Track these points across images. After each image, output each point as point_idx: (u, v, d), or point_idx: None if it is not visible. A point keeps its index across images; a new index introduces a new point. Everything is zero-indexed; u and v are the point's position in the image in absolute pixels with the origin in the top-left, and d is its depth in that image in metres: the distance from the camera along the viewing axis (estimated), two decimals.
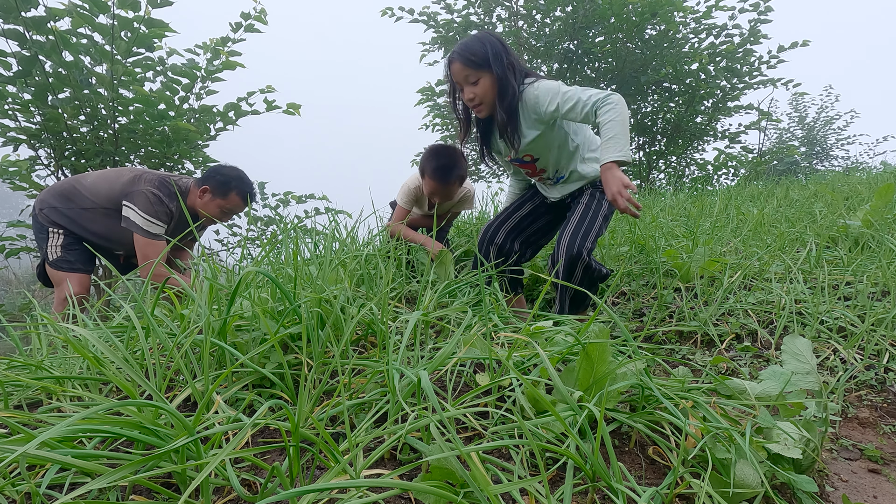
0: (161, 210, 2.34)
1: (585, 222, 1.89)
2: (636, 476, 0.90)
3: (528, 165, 2.02)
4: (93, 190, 2.37)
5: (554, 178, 2.04)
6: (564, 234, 1.89)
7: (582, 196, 1.99)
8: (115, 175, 2.40)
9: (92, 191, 2.37)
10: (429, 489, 0.64)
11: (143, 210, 2.31)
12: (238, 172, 2.49)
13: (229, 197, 2.45)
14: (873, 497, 1.07)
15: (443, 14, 6.50)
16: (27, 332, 1.48)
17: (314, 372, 1.02)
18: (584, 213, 1.92)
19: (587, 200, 1.96)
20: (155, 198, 2.33)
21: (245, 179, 2.49)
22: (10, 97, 3.14)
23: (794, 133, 10.65)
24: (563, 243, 1.86)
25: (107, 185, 2.37)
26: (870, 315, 1.65)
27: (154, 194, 2.33)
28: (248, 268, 1.26)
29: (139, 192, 2.32)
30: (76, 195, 2.38)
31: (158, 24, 3.23)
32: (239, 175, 2.48)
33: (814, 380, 1.13)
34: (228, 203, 2.46)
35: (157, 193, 2.34)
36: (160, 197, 2.34)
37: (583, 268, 1.85)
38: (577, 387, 0.99)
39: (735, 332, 1.80)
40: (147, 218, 2.32)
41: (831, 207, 3.38)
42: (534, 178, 2.10)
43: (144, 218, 2.31)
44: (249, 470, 0.80)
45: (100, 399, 0.87)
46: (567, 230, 1.89)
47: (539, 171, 2.03)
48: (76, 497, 0.64)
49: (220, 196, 2.44)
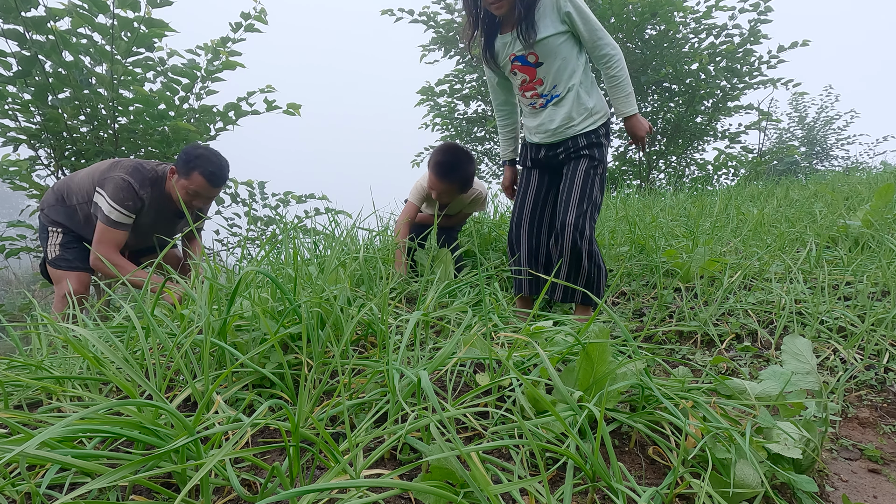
0: (128, 197, 2.23)
1: (586, 196, 1.88)
2: (636, 476, 0.90)
3: (527, 69, 1.93)
4: (81, 185, 2.35)
5: (548, 94, 1.94)
6: (569, 205, 1.88)
7: (579, 162, 1.94)
8: (97, 166, 2.35)
9: (80, 186, 2.35)
10: (429, 489, 0.64)
11: (111, 196, 2.21)
12: (203, 150, 2.29)
13: (192, 177, 2.27)
14: (873, 497, 1.07)
15: (443, 14, 6.51)
16: (27, 332, 1.48)
17: (314, 372, 1.02)
18: (584, 184, 1.89)
19: (585, 167, 1.92)
20: (125, 184, 2.22)
21: (210, 158, 2.29)
22: (10, 97, 3.14)
23: (794, 133, 10.65)
24: (569, 216, 1.86)
25: (89, 178, 2.33)
26: (870, 315, 1.65)
27: (125, 180, 2.23)
28: (247, 268, 1.26)
29: (111, 177, 2.24)
30: (69, 192, 2.37)
31: (158, 24, 3.22)
32: (202, 153, 2.28)
33: (814, 380, 1.13)
34: (192, 184, 2.27)
35: (128, 180, 2.23)
36: (130, 184, 2.23)
37: (588, 246, 1.85)
38: (577, 387, 0.99)
39: (735, 332, 1.80)
40: (112, 205, 2.21)
41: (831, 207, 3.38)
42: (526, 93, 1.99)
43: (110, 204, 2.21)
44: (249, 470, 0.80)
45: (100, 399, 0.87)
46: (571, 201, 1.89)
47: (534, 83, 1.94)
48: (76, 497, 0.64)
49: (184, 176, 2.28)
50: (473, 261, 2.44)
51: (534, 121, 2.03)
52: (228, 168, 2.37)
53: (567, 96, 1.92)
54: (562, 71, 1.90)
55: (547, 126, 1.97)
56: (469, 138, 7.26)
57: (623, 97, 1.87)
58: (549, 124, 1.97)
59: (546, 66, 1.90)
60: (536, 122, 2.01)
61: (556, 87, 1.92)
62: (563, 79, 1.91)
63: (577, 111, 1.91)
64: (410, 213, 2.38)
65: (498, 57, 1.99)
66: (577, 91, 1.90)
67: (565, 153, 1.98)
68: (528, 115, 2.05)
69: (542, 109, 1.98)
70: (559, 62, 1.89)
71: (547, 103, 1.96)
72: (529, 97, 1.99)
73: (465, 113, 7.17)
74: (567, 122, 1.93)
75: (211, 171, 2.28)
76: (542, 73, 1.91)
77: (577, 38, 1.89)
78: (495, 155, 7.45)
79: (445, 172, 2.20)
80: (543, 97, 1.95)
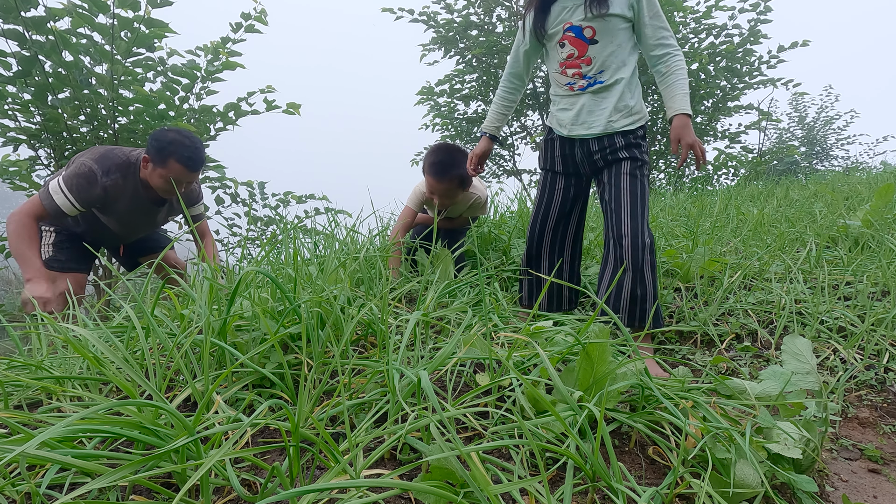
0: (83, 186, 2.10)
1: (639, 200, 1.71)
2: (636, 476, 0.90)
3: (579, 43, 1.74)
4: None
5: (592, 78, 1.76)
6: (622, 212, 1.71)
7: (621, 165, 1.76)
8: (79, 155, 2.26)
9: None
10: (429, 489, 0.64)
11: (65, 178, 2.09)
12: (177, 136, 2.16)
13: (168, 164, 2.14)
14: (873, 497, 1.07)
15: (443, 14, 6.51)
16: (27, 332, 1.48)
17: (314, 372, 1.02)
18: (633, 189, 1.72)
19: (629, 169, 1.75)
20: (86, 170, 2.09)
21: (185, 143, 2.15)
22: (10, 97, 3.14)
23: (794, 133, 10.65)
24: (625, 224, 1.68)
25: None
26: (870, 315, 1.65)
27: (87, 167, 2.10)
28: (247, 268, 1.26)
29: (77, 161, 2.13)
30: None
31: (158, 24, 3.22)
32: (177, 139, 2.15)
33: (814, 380, 1.13)
34: (169, 171, 2.15)
35: (90, 166, 2.10)
36: (93, 170, 2.10)
37: (650, 256, 1.68)
38: (577, 387, 0.99)
39: (735, 332, 1.80)
40: (62, 187, 2.08)
41: (831, 207, 3.38)
42: (568, 70, 1.79)
43: (60, 185, 2.08)
44: (249, 470, 0.80)
45: (100, 399, 0.87)
46: (624, 207, 1.71)
47: (581, 60, 1.75)
48: (76, 497, 0.64)
49: (160, 164, 2.15)
50: (473, 261, 2.44)
51: (569, 111, 1.83)
52: (203, 148, 2.26)
53: (612, 88, 1.76)
54: (614, 58, 1.74)
55: (585, 117, 1.80)
56: (469, 138, 7.25)
57: (682, 94, 1.70)
58: (587, 115, 1.79)
59: (600, 46, 1.73)
60: (573, 111, 1.82)
61: (603, 73, 1.75)
62: (612, 67, 1.75)
63: (618, 108, 1.76)
64: (407, 218, 2.35)
65: (549, 22, 1.80)
66: (623, 87, 1.75)
67: (603, 154, 1.79)
68: (562, 100, 1.86)
69: (579, 94, 1.80)
70: (614, 47, 1.73)
71: (587, 87, 1.78)
72: (570, 76, 1.79)
73: (465, 113, 7.17)
74: (607, 117, 1.77)
75: (188, 156, 2.16)
76: (594, 53, 1.75)
77: (633, 35, 1.76)
78: (495, 155, 7.45)
79: (442, 171, 2.15)
80: (587, 79, 1.77)
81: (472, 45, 6.48)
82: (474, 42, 6.47)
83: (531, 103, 6.86)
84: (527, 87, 1.99)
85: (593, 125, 1.78)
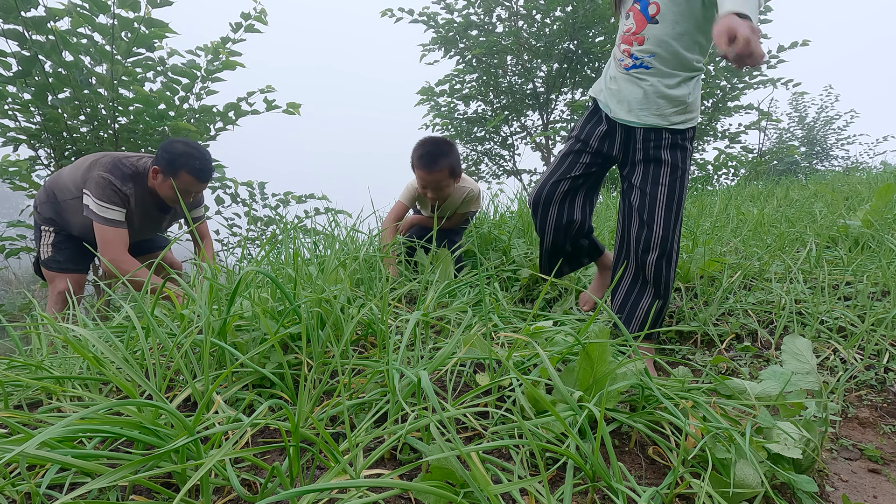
0: (113, 193, 2.23)
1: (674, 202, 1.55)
2: (636, 476, 0.90)
3: (640, 19, 1.53)
4: (67, 181, 2.34)
5: (640, 60, 1.54)
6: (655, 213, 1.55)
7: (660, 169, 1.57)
8: (82, 161, 2.34)
9: (66, 182, 2.34)
10: (429, 489, 0.64)
11: (96, 196, 2.22)
12: (186, 148, 2.28)
13: (180, 176, 2.26)
14: (873, 497, 1.07)
15: (443, 14, 6.50)
16: (27, 332, 1.48)
17: (314, 372, 1.02)
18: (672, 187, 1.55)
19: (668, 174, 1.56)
20: (105, 181, 2.22)
21: (195, 154, 2.28)
22: (10, 97, 3.14)
23: (794, 133, 10.65)
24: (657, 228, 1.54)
25: (75, 173, 2.32)
26: (870, 315, 1.65)
27: (104, 178, 2.22)
28: (247, 268, 1.26)
29: (92, 177, 2.23)
30: (57, 188, 2.36)
31: (158, 24, 3.23)
32: (187, 151, 2.27)
33: (814, 380, 1.13)
34: (180, 182, 2.27)
35: (107, 177, 2.23)
36: (110, 181, 2.23)
37: (672, 275, 1.58)
38: (577, 387, 0.99)
39: (735, 332, 1.80)
40: (101, 203, 2.22)
41: (831, 207, 3.38)
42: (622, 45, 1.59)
43: (99, 204, 2.22)
44: (249, 470, 0.80)
45: (100, 399, 0.87)
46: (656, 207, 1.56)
47: (635, 38, 1.54)
48: (76, 497, 0.64)
49: (171, 175, 2.27)
50: (473, 261, 2.44)
51: (613, 90, 1.64)
52: (211, 159, 2.36)
53: (664, 77, 1.54)
54: (674, 44, 1.50)
55: (629, 101, 1.59)
56: (469, 138, 7.25)
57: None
58: (631, 100, 1.58)
59: (661, 27, 1.50)
60: (617, 91, 1.62)
61: (654, 58, 1.53)
62: (670, 53, 1.51)
63: (671, 97, 1.54)
64: (398, 212, 2.34)
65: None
66: (681, 80, 1.53)
67: (645, 148, 1.60)
68: (612, 78, 1.65)
69: (625, 74, 1.59)
70: (678, 31, 1.49)
71: (632, 68, 1.57)
72: (621, 52, 1.59)
73: (464, 113, 7.17)
74: (652, 107, 1.56)
75: (199, 167, 2.27)
76: (650, 34, 1.52)
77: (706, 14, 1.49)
78: (495, 155, 7.46)
79: (431, 162, 2.13)
80: (633, 59, 1.56)
81: (472, 45, 6.48)
82: (474, 42, 6.48)
83: (531, 103, 6.86)
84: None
85: (637, 112, 1.58)
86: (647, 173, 1.60)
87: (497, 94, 6.89)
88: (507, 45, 6.35)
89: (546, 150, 6.90)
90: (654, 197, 1.57)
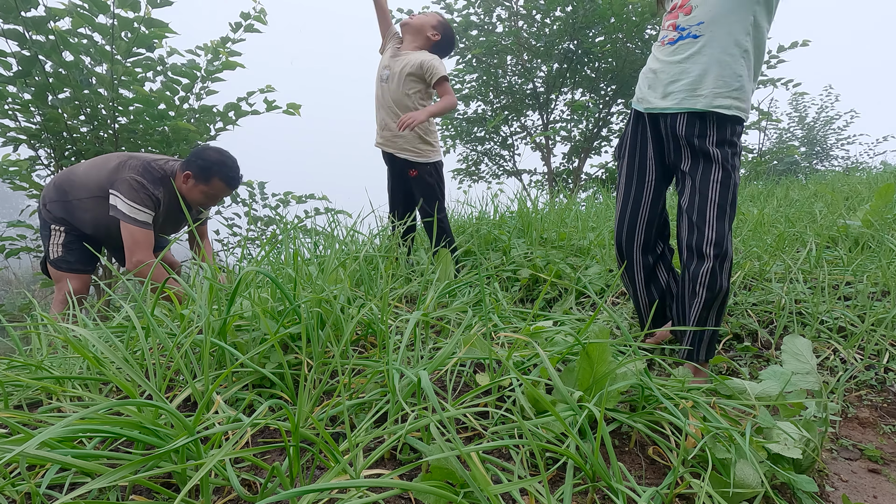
0: (146, 196, 2.30)
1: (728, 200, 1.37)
2: (636, 476, 0.90)
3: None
4: (85, 179, 2.36)
5: (686, 30, 1.37)
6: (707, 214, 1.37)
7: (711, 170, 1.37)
8: (103, 161, 2.38)
9: (84, 180, 2.35)
10: (429, 489, 0.64)
11: (128, 198, 2.27)
12: (220, 156, 2.40)
13: (212, 182, 2.38)
14: (873, 497, 1.07)
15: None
16: (27, 332, 1.48)
17: (314, 372, 1.02)
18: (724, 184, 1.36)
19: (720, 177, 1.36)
20: (138, 185, 2.28)
21: (227, 163, 2.40)
22: (10, 97, 3.14)
23: (794, 133, 10.65)
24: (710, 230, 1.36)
25: (96, 173, 2.35)
26: (870, 315, 1.65)
27: (137, 181, 2.29)
28: (247, 268, 1.26)
29: (123, 179, 2.28)
30: (71, 186, 2.36)
31: (158, 24, 3.22)
32: (221, 159, 2.39)
33: (814, 380, 1.13)
34: (212, 189, 2.39)
35: (140, 180, 2.29)
36: (143, 184, 2.30)
37: (729, 273, 1.39)
38: (577, 387, 0.99)
39: (735, 332, 1.80)
40: (132, 205, 2.28)
41: (831, 207, 3.38)
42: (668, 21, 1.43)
43: (130, 205, 2.27)
44: (249, 470, 0.80)
45: (100, 399, 0.87)
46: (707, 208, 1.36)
47: (681, 10, 1.39)
48: (76, 497, 0.64)
49: (203, 182, 2.37)
50: (473, 260, 2.44)
51: (647, 76, 1.48)
52: (239, 166, 2.49)
53: (710, 46, 1.34)
54: (727, 11, 1.32)
55: (664, 83, 1.40)
56: (469, 138, 7.25)
57: None
58: (667, 80, 1.40)
59: None
60: (651, 74, 1.46)
61: (702, 26, 1.34)
62: (720, 19, 1.32)
63: (720, 76, 1.33)
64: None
65: None
66: (732, 49, 1.33)
67: (689, 145, 1.40)
68: (655, 56, 1.48)
69: (668, 47, 1.40)
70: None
71: (678, 40, 1.38)
72: (667, 27, 1.43)
73: (464, 113, 7.18)
74: (692, 87, 1.36)
75: (231, 175, 2.41)
76: (696, 2, 1.36)
77: None
78: (495, 155, 7.46)
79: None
80: (679, 31, 1.38)
81: (472, 45, 6.48)
82: (474, 42, 6.47)
83: (531, 103, 6.86)
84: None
85: (671, 95, 1.38)
86: (695, 173, 1.40)
87: (497, 94, 6.89)
88: (507, 45, 6.35)
89: (546, 150, 6.90)
90: (706, 194, 1.37)
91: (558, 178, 7.09)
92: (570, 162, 7.16)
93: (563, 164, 7.23)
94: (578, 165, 6.93)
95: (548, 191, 6.57)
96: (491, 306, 1.51)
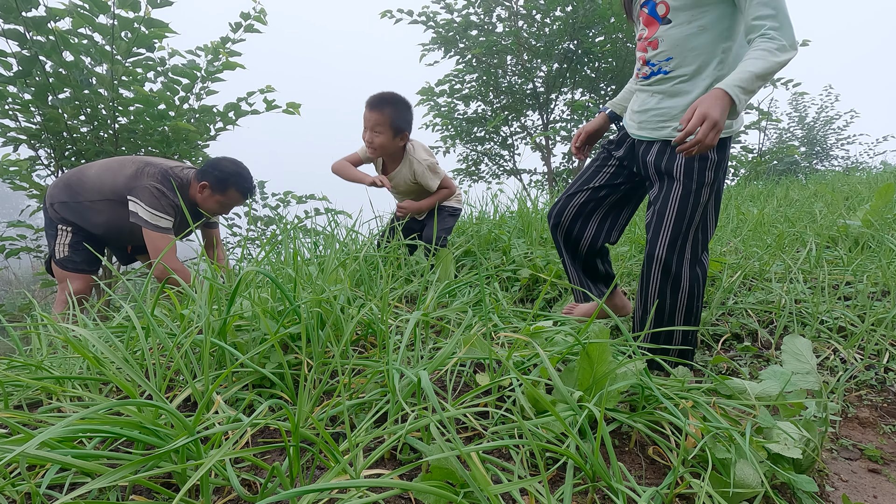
0: (166, 204, 2.36)
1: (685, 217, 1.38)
2: (636, 476, 0.90)
3: (650, 22, 1.39)
4: (97, 181, 2.37)
5: (656, 66, 1.41)
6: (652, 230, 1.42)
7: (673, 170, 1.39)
8: (118, 166, 2.40)
9: (97, 182, 2.37)
10: (429, 489, 0.64)
11: (148, 205, 2.33)
12: (237, 168, 2.49)
13: (228, 193, 2.47)
14: (873, 497, 1.07)
15: (442, 14, 6.50)
16: (27, 332, 1.48)
17: (314, 372, 1.02)
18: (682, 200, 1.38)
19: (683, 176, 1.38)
20: (159, 192, 2.34)
21: (244, 175, 2.50)
22: (10, 97, 3.14)
23: (794, 133, 10.64)
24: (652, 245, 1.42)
25: (111, 177, 2.37)
26: (870, 315, 1.65)
27: (158, 189, 2.35)
28: (247, 268, 1.26)
29: (142, 187, 2.33)
30: (82, 188, 2.37)
31: (158, 24, 3.22)
32: (237, 171, 2.48)
33: (814, 380, 1.13)
34: (227, 199, 2.49)
35: (160, 188, 2.35)
36: (164, 192, 2.36)
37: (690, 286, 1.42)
38: (577, 387, 0.99)
39: (735, 332, 1.80)
40: (153, 212, 2.34)
41: (831, 207, 3.38)
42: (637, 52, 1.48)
43: (151, 212, 2.33)
44: (249, 470, 0.80)
45: (100, 399, 0.87)
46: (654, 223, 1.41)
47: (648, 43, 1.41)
48: (76, 497, 0.64)
49: (219, 192, 2.46)
50: (473, 260, 2.44)
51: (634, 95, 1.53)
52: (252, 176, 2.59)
53: (682, 83, 1.38)
54: (689, 43, 1.34)
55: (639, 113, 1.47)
56: (469, 138, 7.25)
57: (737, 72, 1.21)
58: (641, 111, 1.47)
59: (674, 28, 1.36)
60: (631, 103, 1.54)
61: (671, 62, 1.38)
62: (686, 56, 1.35)
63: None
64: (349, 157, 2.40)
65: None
66: (706, 82, 1.35)
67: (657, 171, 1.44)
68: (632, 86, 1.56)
69: (643, 81, 1.46)
70: (692, 30, 1.33)
71: (651, 75, 1.43)
72: (639, 58, 1.47)
73: (464, 113, 7.17)
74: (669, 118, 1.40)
75: (247, 186, 2.51)
76: (662, 34, 1.37)
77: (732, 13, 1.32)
78: (495, 155, 7.45)
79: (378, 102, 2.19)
80: (650, 66, 1.43)
81: (472, 45, 6.48)
82: (474, 42, 6.47)
83: (531, 103, 6.86)
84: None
85: (645, 126, 1.45)
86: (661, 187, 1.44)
87: (497, 94, 6.89)
88: (507, 45, 6.35)
89: (546, 150, 6.90)
90: (669, 203, 1.40)
91: (558, 178, 7.09)
92: (570, 162, 7.16)
93: (563, 163, 7.23)
94: (578, 165, 6.93)
95: (548, 191, 6.56)
96: (491, 306, 1.51)
